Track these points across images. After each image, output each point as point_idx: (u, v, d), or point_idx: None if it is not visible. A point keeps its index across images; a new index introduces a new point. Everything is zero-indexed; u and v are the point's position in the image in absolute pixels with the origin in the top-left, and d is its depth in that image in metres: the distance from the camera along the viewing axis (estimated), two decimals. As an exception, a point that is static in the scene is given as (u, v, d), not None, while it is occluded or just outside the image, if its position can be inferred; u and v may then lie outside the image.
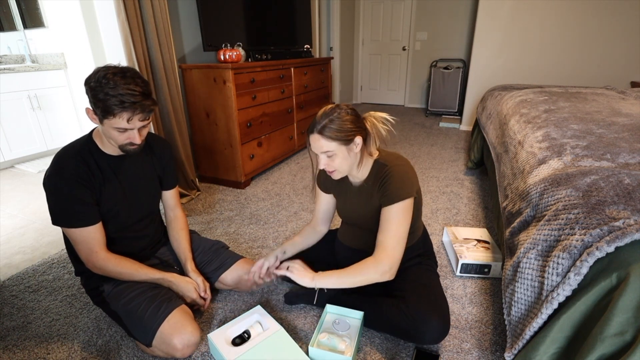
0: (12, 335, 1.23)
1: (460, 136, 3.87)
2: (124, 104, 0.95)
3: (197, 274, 1.27)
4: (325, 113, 1.05)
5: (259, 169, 2.64)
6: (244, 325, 1.17)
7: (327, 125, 1.02)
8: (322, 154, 1.06)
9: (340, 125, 1.02)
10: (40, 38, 3.21)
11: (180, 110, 2.16)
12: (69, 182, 1.03)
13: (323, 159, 1.07)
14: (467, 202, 2.22)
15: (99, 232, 1.11)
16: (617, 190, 0.86)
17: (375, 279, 1.07)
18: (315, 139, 1.04)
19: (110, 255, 1.13)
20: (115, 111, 0.95)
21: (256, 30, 2.72)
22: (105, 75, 0.94)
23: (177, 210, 1.38)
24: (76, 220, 1.06)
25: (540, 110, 1.82)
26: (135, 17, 1.79)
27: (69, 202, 1.04)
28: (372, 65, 5.75)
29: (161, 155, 1.27)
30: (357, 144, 1.07)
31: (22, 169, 2.96)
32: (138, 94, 0.97)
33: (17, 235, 1.91)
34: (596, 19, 3.35)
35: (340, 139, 1.03)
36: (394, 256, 1.07)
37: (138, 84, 0.98)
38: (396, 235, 1.07)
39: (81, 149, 1.08)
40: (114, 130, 1.00)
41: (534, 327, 0.84)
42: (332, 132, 1.02)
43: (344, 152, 1.06)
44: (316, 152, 1.07)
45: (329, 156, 1.06)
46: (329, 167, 1.09)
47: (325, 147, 1.04)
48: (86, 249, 1.09)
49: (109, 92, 0.93)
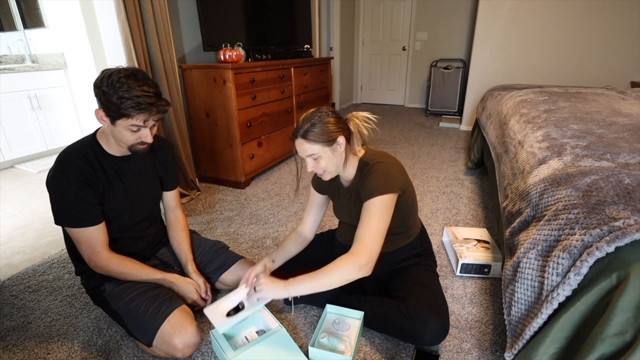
0: (12, 335, 1.23)
1: (460, 136, 3.87)
2: (140, 105, 0.95)
3: (198, 275, 1.27)
4: (306, 118, 1.07)
5: (259, 169, 2.64)
6: (238, 298, 1.16)
7: (309, 129, 1.05)
8: (308, 157, 1.09)
9: (321, 128, 1.05)
10: (40, 38, 3.21)
11: (180, 110, 2.16)
12: (74, 182, 1.03)
13: (310, 162, 1.09)
14: (467, 202, 2.22)
15: (102, 232, 1.11)
16: (617, 190, 0.86)
17: (352, 275, 1.01)
18: (299, 143, 1.07)
19: (112, 255, 1.13)
20: (132, 114, 0.96)
21: (256, 30, 2.72)
22: (119, 79, 0.95)
23: (177, 212, 1.38)
24: (80, 220, 1.06)
25: (540, 110, 1.82)
26: (135, 17, 1.79)
27: (73, 202, 1.04)
28: (372, 65, 5.75)
29: (164, 156, 1.27)
30: (340, 143, 1.09)
31: (22, 169, 2.96)
32: (152, 95, 0.98)
33: (17, 235, 1.91)
34: (596, 19, 3.35)
35: (322, 141, 1.05)
36: (372, 250, 1.02)
37: (150, 85, 0.99)
38: (375, 230, 1.03)
39: (85, 149, 1.08)
40: (126, 130, 1.00)
41: (534, 327, 0.84)
42: (314, 135, 1.04)
43: (328, 153, 1.08)
44: (302, 155, 1.09)
45: (315, 159, 1.08)
46: (316, 169, 1.11)
47: (309, 150, 1.06)
48: (89, 249, 1.09)
49: (124, 95, 0.94)
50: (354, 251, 1.02)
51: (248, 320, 1.19)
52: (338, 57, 5.05)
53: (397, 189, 1.09)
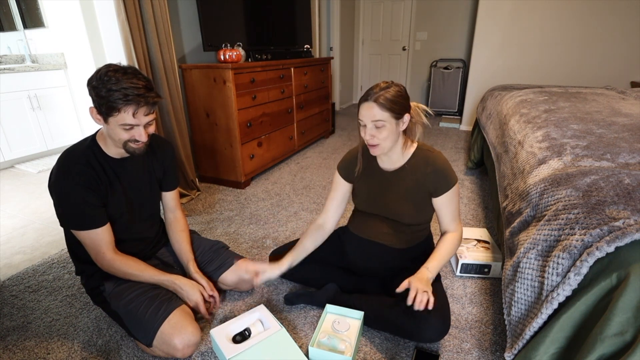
0: (12, 335, 1.23)
1: (460, 136, 3.87)
2: (127, 97, 0.94)
3: (200, 275, 1.26)
4: (381, 87, 1.08)
5: (259, 169, 2.64)
6: (246, 322, 1.18)
7: (384, 95, 1.05)
8: (371, 124, 1.08)
9: (395, 97, 1.06)
10: (40, 38, 3.21)
11: (180, 110, 2.16)
12: (77, 186, 1.02)
13: (371, 129, 1.08)
14: (467, 202, 2.21)
15: (107, 233, 1.11)
16: (617, 190, 0.86)
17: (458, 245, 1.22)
18: (369, 106, 1.06)
19: (117, 255, 1.12)
20: (119, 105, 0.95)
21: (256, 30, 2.72)
22: (107, 73, 0.95)
23: (177, 212, 1.37)
24: (84, 224, 1.06)
25: (540, 110, 1.82)
26: (135, 17, 1.79)
27: (78, 207, 1.04)
28: (372, 65, 5.75)
29: (163, 156, 1.27)
30: (404, 121, 1.11)
31: (22, 169, 2.96)
32: (141, 87, 0.97)
33: (17, 235, 1.91)
34: (596, 19, 3.35)
35: (392, 111, 1.06)
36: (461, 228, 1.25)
37: (140, 78, 0.98)
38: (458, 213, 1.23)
39: (86, 152, 1.07)
40: (119, 128, 1.00)
41: (534, 327, 0.84)
42: (387, 102, 1.05)
43: (393, 125, 1.08)
44: (366, 120, 1.08)
45: (378, 127, 1.07)
46: (373, 140, 1.09)
47: (377, 115, 1.06)
48: (94, 250, 1.10)
49: (112, 88, 0.93)
50: (457, 229, 1.22)
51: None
52: (338, 57, 5.05)
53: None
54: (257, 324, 1.18)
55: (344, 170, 1.30)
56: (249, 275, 1.36)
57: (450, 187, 1.16)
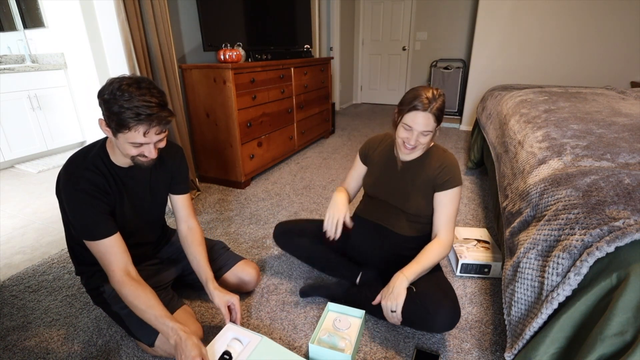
0: (12, 335, 1.23)
1: (460, 136, 3.87)
2: (139, 116, 0.90)
3: (223, 292, 1.15)
4: (432, 96, 1.11)
5: (259, 169, 2.64)
6: (221, 346, 1.05)
7: (441, 108, 1.11)
8: (420, 131, 1.12)
9: (443, 108, 1.13)
10: (40, 38, 3.21)
11: (180, 110, 2.16)
12: (87, 194, 0.99)
13: (418, 136, 1.13)
14: (467, 202, 2.22)
15: (117, 246, 1.04)
16: (617, 190, 0.86)
17: (443, 257, 1.21)
18: (426, 117, 1.10)
19: (127, 279, 1.02)
20: (130, 124, 0.91)
21: (256, 30, 2.72)
22: (120, 87, 0.90)
23: (190, 221, 1.27)
24: (93, 234, 1.02)
25: (540, 110, 1.82)
26: (135, 17, 1.79)
27: (88, 217, 1.00)
28: (372, 65, 5.75)
29: (172, 163, 1.22)
30: (439, 128, 1.17)
31: (22, 169, 2.96)
32: (154, 105, 0.93)
33: (17, 235, 1.91)
34: (596, 19, 3.35)
35: (439, 121, 1.13)
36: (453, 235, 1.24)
37: (154, 94, 0.94)
38: (455, 217, 1.24)
39: (95, 159, 1.04)
40: (128, 145, 0.96)
41: (534, 327, 0.84)
42: (439, 112, 1.12)
43: (435, 133, 1.16)
44: (418, 128, 1.12)
45: (425, 134, 1.13)
46: (415, 143, 1.15)
47: (430, 126, 1.12)
48: (104, 264, 1.04)
49: (124, 105, 0.89)
50: (447, 236, 1.21)
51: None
52: (338, 57, 5.05)
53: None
54: (233, 343, 1.06)
55: (363, 152, 1.41)
56: (249, 277, 1.37)
57: (454, 186, 1.20)
